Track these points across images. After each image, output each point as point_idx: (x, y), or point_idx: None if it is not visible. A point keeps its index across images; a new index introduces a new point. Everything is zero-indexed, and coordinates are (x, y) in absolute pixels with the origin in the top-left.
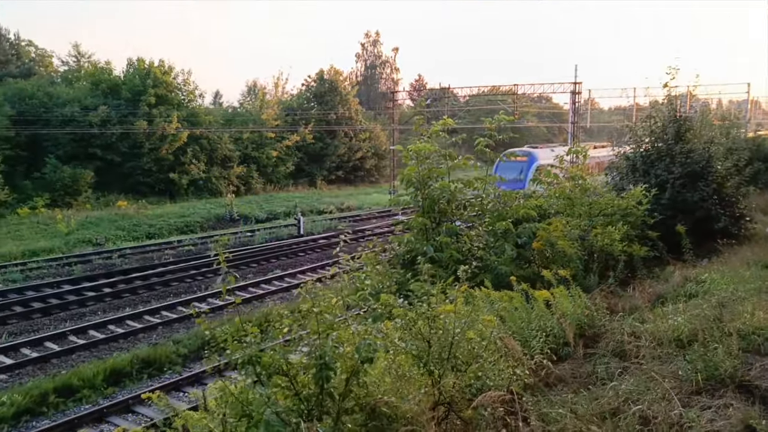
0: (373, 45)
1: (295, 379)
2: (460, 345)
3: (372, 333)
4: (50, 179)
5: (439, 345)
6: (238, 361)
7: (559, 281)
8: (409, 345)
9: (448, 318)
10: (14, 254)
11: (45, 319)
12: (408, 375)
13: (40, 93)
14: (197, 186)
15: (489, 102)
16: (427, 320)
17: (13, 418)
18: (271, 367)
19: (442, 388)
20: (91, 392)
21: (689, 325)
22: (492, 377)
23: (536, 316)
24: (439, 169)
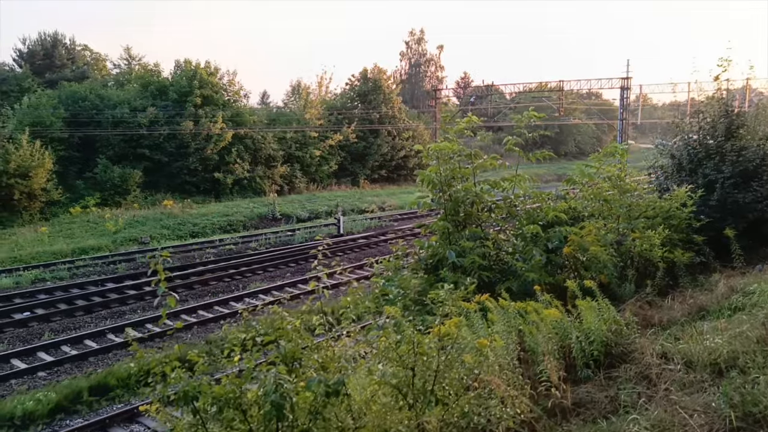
0: (418, 43)
1: (248, 415)
2: (446, 374)
3: (341, 359)
4: (101, 179)
5: (423, 373)
6: (174, 395)
7: (586, 292)
8: (389, 373)
9: (432, 342)
10: (65, 252)
11: (87, 317)
12: (388, 407)
13: (92, 95)
14: (241, 185)
15: (534, 99)
16: (412, 344)
17: (48, 415)
18: (221, 400)
19: (425, 424)
20: (124, 391)
21: (729, 346)
22: (482, 413)
23: (556, 331)
24: (463, 169)
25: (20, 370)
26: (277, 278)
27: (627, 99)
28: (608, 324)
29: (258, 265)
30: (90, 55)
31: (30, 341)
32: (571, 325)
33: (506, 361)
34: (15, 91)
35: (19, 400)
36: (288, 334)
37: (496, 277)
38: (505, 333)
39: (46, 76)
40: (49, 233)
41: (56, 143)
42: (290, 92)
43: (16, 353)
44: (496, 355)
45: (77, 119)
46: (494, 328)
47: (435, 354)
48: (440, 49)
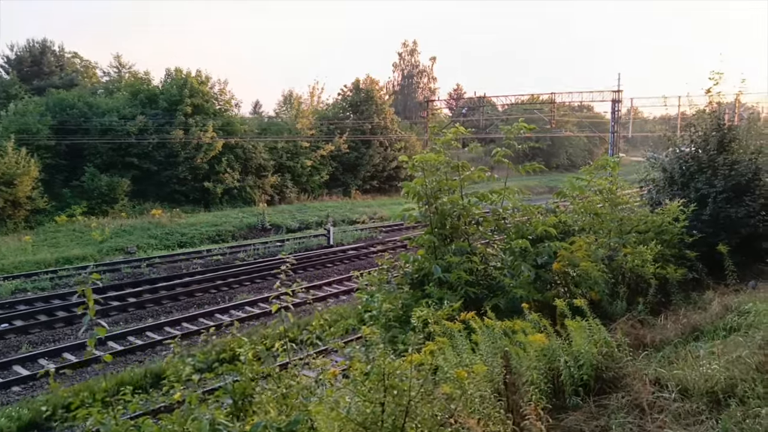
0: (411, 54)
1: None
2: (419, 409)
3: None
4: (88, 187)
5: (394, 409)
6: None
7: (575, 310)
8: (354, 409)
9: (405, 373)
10: (48, 261)
11: (67, 329)
12: None
13: (80, 103)
14: (231, 195)
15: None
16: (382, 377)
17: None
18: None
19: None
20: (101, 407)
21: (726, 372)
22: None
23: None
24: (450, 181)
25: None
26: (264, 290)
27: (618, 112)
28: (599, 346)
29: (245, 276)
30: (80, 63)
31: (6, 354)
32: (559, 347)
33: (488, 392)
34: (1, 98)
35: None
36: (239, 367)
37: (483, 293)
38: (490, 355)
39: (34, 83)
40: (33, 242)
41: (43, 151)
42: (282, 102)
43: None
44: (477, 385)
45: (65, 127)
46: (479, 350)
47: (406, 387)
48: (433, 60)
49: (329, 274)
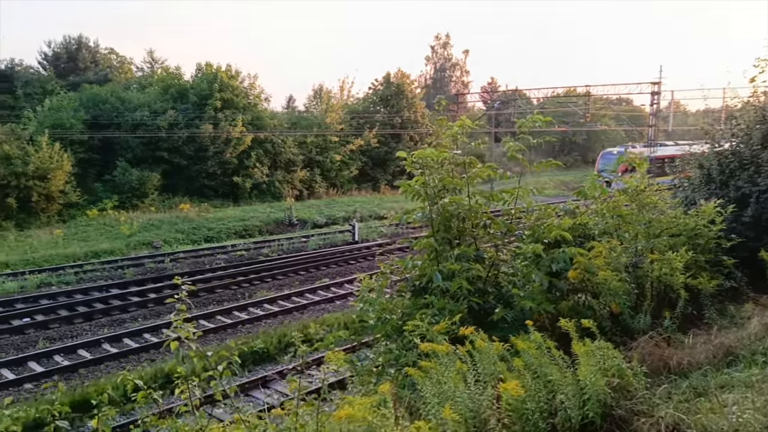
0: (444, 47)
1: None
2: None
3: None
4: (119, 181)
5: None
6: None
7: (584, 332)
8: None
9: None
10: (77, 255)
11: (86, 325)
12: None
13: (113, 98)
14: (260, 190)
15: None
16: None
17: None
18: None
19: None
20: (108, 409)
21: (763, 419)
22: None
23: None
24: (453, 180)
25: (6, 381)
26: (284, 287)
27: (657, 105)
28: (610, 375)
29: (267, 273)
30: (116, 59)
31: (24, 349)
32: (561, 375)
33: None
34: (38, 93)
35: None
36: None
37: (490, 303)
38: (479, 388)
39: (70, 78)
40: (64, 236)
41: (76, 145)
42: (312, 96)
43: (7, 362)
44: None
45: (98, 122)
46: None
47: None
48: (466, 53)
49: (352, 271)
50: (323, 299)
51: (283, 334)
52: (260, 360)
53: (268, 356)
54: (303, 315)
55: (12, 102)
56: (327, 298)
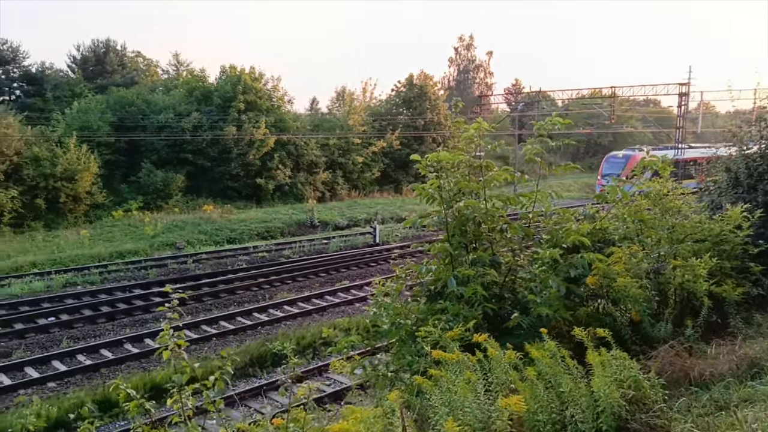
0: (467, 49)
1: None
2: None
3: None
4: (144, 183)
5: None
6: None
7: (600, 341)
8: None
9: None
10: (103, 255)
11: (108, 324)
12: None
13: (139, 100)
14: (283, 191)
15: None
16: None
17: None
18: None
19: None
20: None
21: None
22: None
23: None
24: (469, 184)
25: (31, 379)
26: (305, 289)
27: (686, 106)
28: (626, 385)
29: (288, 275)
30: (143, 62)
31: (48, 348)
32: (575, 386)
33: None
34: (67, 96)
35: (20, 413)
36: None
37: (506, 309)
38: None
39: (98, 81)
40: (90, 236)
41: (103, 147)
42: (335, 98)
43: (31, 361)
44: None
45: (124, 124)
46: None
47: None
48: (490, 55)
49: (372, 273)
50: (343, 301)
51: (302, 336)
52: (279, 362)
53: (286, 358)
54: (322, 317)
55: (42, 104)
56: (347, 301)
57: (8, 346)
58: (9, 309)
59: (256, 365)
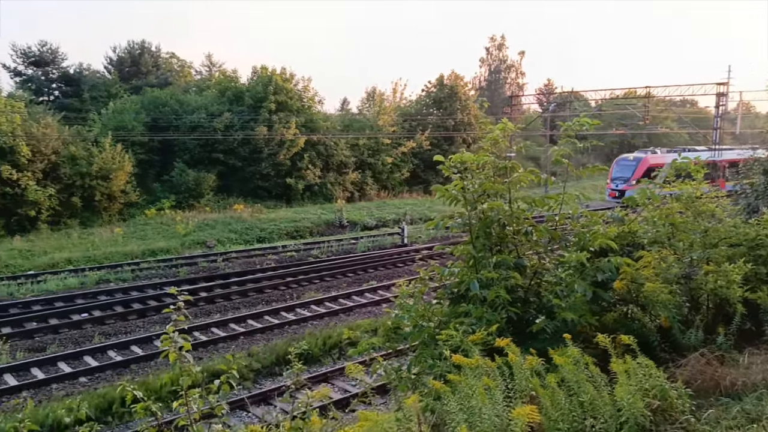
0: (499, 49)
1: None
2: None
3: None
4: (177, 182)
5: None
6: None
7: (627, 348)
8: None
9: None
10: (135, 253)
11: (139, 321)
12: None
13: (172, 101)
14: (312, 191)
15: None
16: None
17: (76, 425)
18: None
19: None
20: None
21: None
22: None
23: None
24: (494, 185)
25: (64, 374)
26: (332, 288)
27: (724, 106)
28: (651, 394)
29: (315, 274)
30: (177, 63)
31: (81, 344)
32: (597, 395)
33: None
34: (103, 97)
35: (51, 408)
36: None
37: (531, 313)
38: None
39: (132, 82)
40: (123, 234)
41: (137, 147)
42: (365, 99)
43: (64, 356)
44: None
45: (158, 124)
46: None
47: None
48: (522, 55)
49: (400, 274)
50: (370, 302)
51: (329, 336)
52: (305, 361)
53: (313, 357)
54: (349, 317)
55: (79, 105)
56: (373, 301)
57: (43, 340)
58: (44, 305)
59: (282, 364)
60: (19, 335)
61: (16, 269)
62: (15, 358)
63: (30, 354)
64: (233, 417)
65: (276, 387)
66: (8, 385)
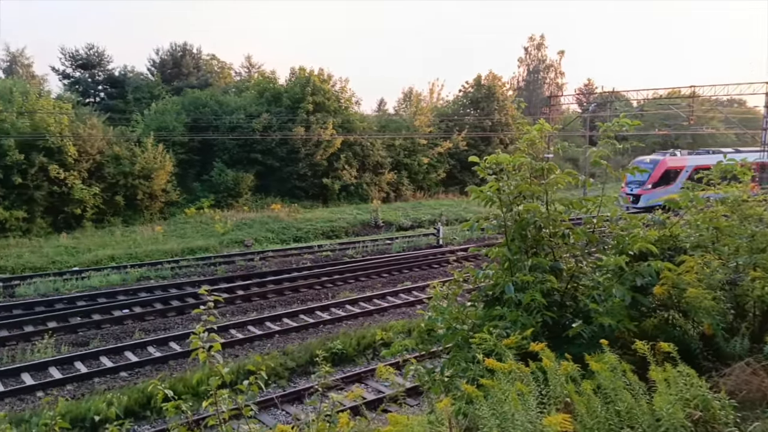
0: (537, 49)
1: None
2: None
3: None
4: (216, 182)
5: None
6: None
7: (665, 356)
8: None
9: None
10: (175, 251)
11: (178, 318)
12: None
13: (212, 102)
14: (348, 191)
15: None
16: None
17: (117, 418)
18: None
19: None
20: (194, 399)
21: None
22: None
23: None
24: (531, 186)
25: (105, 368)
26: (367, 289)
27: None
28: (693, 405)
29: (350, 274)
30: (217, 65)
31: (122, 339)
32: (636, 403)
33: None
34: (146, 98)
35: (93, 401)
36: None
37: (567, 318)
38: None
39: (174, 83)
40: (164, 232)
41: (177, 147)
42: (402, 99)
43: (106, 351)
44: None
45: (198, 124)
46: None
47: None
48: (561, 54)
49: (434, 275)
50: (404, 302)
51: (362, 336)
52: (339, 361)
53: (347, 357)
54: (383, 318)
55: (123, 106)
56: (408, 302)
57: (86, 335)
58: (88, 300)
59: (316, 363)
60: (64, 329)
61: (62, 265)
62: (60, 351)
63: (74, 348)
64: (267, 414)
65: (309, 386)
66: (53, 378)
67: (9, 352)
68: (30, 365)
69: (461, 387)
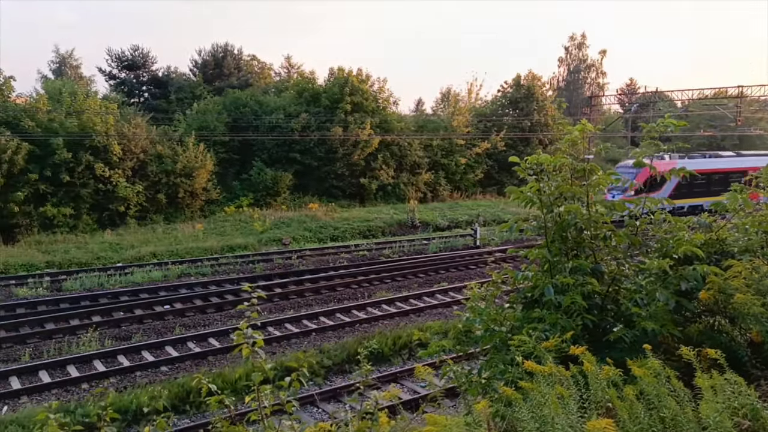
0: (578, 48)
1: None
2: None
3: None
4: (255, 181)
5: None
6: None
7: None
8: None
9: None
10: (214, 249)
11: (216, 315)
12: None
13: (252, 102)
14: (385, 191)
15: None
16: None
17: (157, 413)
18: None
19: None
20: (230, 395)
21: None
22: None
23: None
24: (572, 188)
25: (147, 363)
26: (403, 288)
27: None
28: (741, 414)
29: (387, 274)
30: (257, 65)
31: (163, 334)
32: (681, 411)
33: None
34: (189, 98)
35: (135, 394)
36: None
37: (608, 321)
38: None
39: (215, 84)
40: (204, 230)
41: (218, 146)
42: (439, 99)
43: (148, 345)
44: None
45: (238, 124)
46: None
47: None
48: (603, 54)
49: (471, 276)
50: (440, 303)
51: (398, 336)
52: (375, 360)
53: (383, 357)
54: (419, 318)
55: (166, 106)
56: (444, 303)
57: (129, 330)
58: (131, 296)
59: (352, 362)
60: (108, 324)
61: (107, 261)
62: (103, 345)
63: (117, 342)
64: (304, 412)
65: (346, 385)
66: (97, 371)
67: (56, 345)
68: (75, 358)
69: (499, 389)
